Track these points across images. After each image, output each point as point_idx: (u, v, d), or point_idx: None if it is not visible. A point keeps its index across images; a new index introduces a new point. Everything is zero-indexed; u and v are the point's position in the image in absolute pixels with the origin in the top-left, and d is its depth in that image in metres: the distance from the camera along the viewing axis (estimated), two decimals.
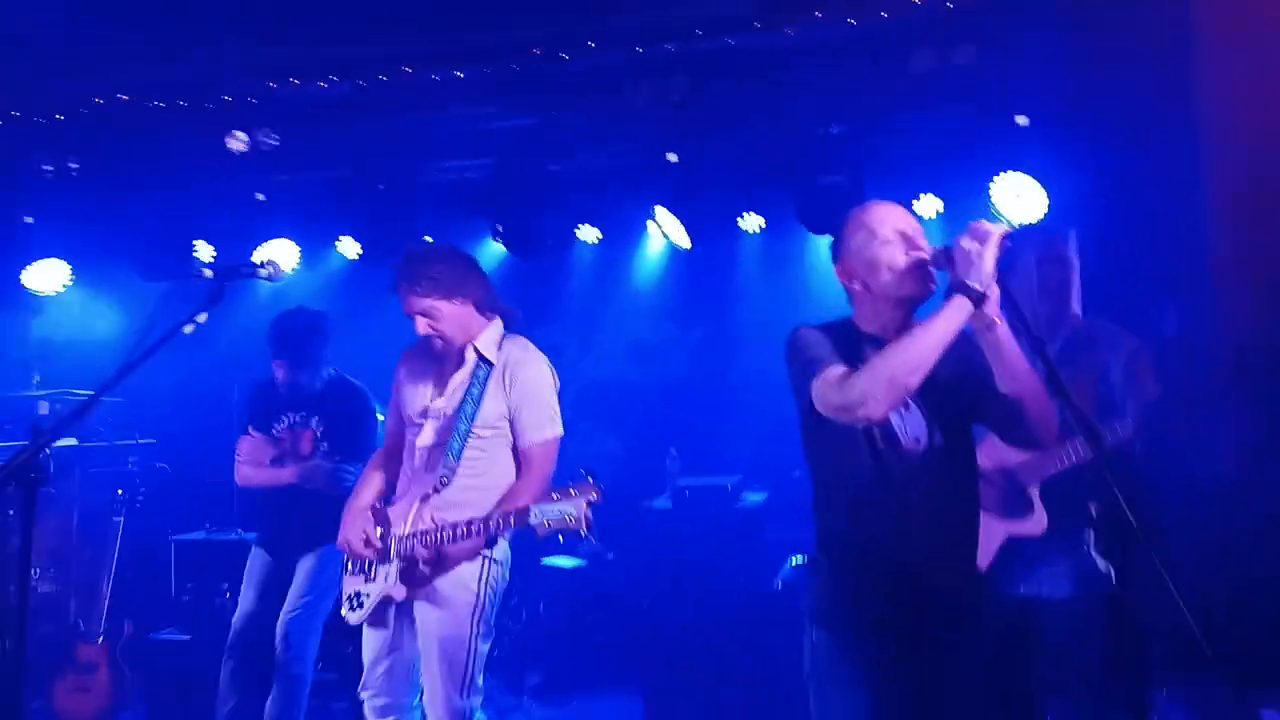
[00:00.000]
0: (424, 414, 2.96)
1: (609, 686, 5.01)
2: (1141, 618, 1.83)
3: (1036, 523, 2.88)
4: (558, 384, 3.02)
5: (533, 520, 2.68)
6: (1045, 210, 4.29)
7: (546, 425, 2.94)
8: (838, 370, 2.12)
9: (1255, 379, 3.60)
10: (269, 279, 2.57)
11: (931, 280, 2.17)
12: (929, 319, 2.09)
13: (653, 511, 4.79)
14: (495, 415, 2.90)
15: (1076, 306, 3.10)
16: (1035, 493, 2.89)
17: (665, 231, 5.37)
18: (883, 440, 2.16)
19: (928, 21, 4.16)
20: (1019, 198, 4.32)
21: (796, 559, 4.39)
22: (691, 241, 5.30)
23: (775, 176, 5.01)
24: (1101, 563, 1.97)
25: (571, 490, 2.68)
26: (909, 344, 2.06)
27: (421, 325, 2.90)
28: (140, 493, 5.06)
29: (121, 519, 4.92)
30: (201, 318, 2.39)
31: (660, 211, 5.25)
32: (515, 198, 5.26)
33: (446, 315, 2.89)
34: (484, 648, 2.88)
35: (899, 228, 2.22)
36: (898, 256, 2.18)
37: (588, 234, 5.95)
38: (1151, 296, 4.17)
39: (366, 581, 2.91)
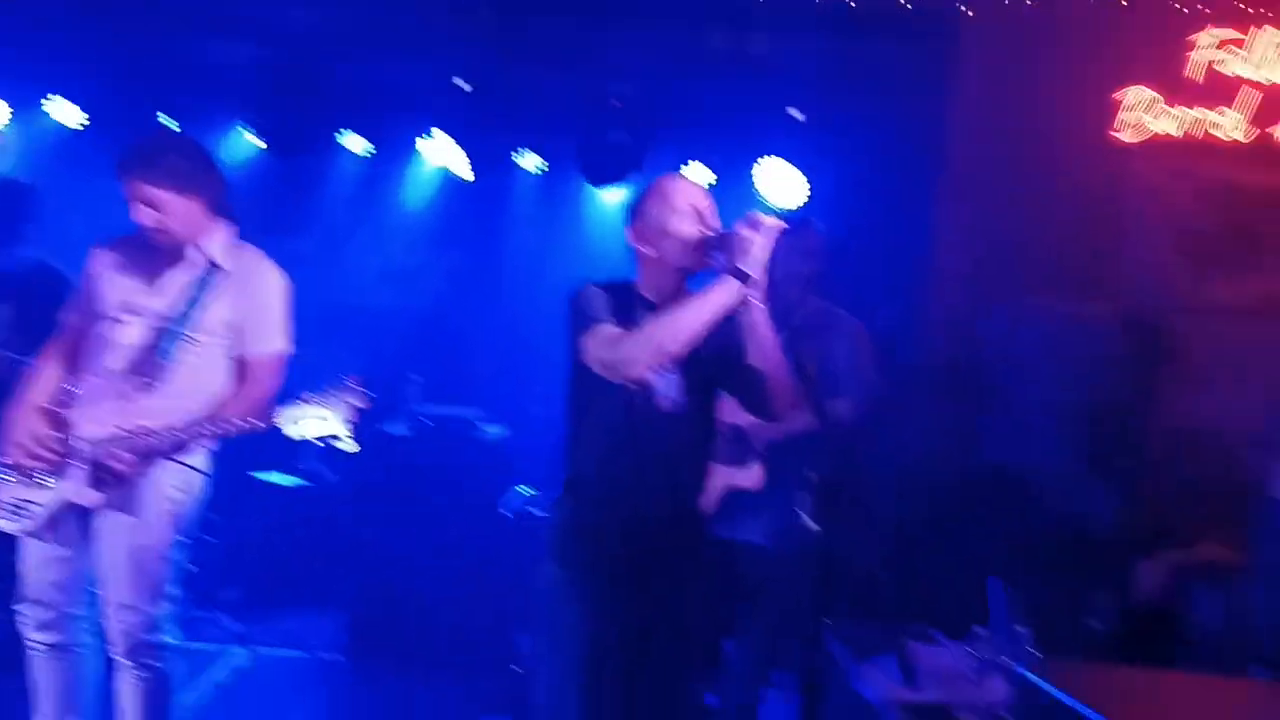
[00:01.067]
0: (129, 310, 2.72)
1: (315, 606, 4.86)
2: (825, 566, 2.10)
3: (754, 478, 3.17)
4: (289, 298, 2.88)
5: (281, 424, 2.60)
6: (804, 200, 4.67)
7: (275, 338, 2.80)
8: (611, 330, 2.25)
9: (962, 369, 4.18)
10: None
11: (710, 257, 2.31)
12: (700, 294, 2.25)
13: (386, 436, 4.69)
14: (218, 322, 2.73)
15: (816, 292, 3.39)
16: (757, 451, 3.17)
17: (440, 157, 5.24)
18: (640, 396, 2.31)
19: (725, 4, 4.39)
20: (783, 185, 4.66)
21: (524, 489, 4.49)
22: (466, 171, 5.21)
23: (561, 121, 5.04)
24: (804, 517, 2.22)
25: (333, 395, 2.60)
26: (679, 316, 2.21)
27: (145, 215, 2.66)
28: None
29: None
30: None
31: (437, 135, 5.11)
32: (279, 90, 4.90)
33: (175, 210, 2.67)
34: (179, 556, 2.76)
35: (695, 203, 2.35)
36: (687, 229, 2.32)
37: (354, 143, 5.68)
38: (881, 291, 4.69)
39: (33, 488, 2.65)
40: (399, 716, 3.89)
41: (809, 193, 4.67)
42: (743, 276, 2.19)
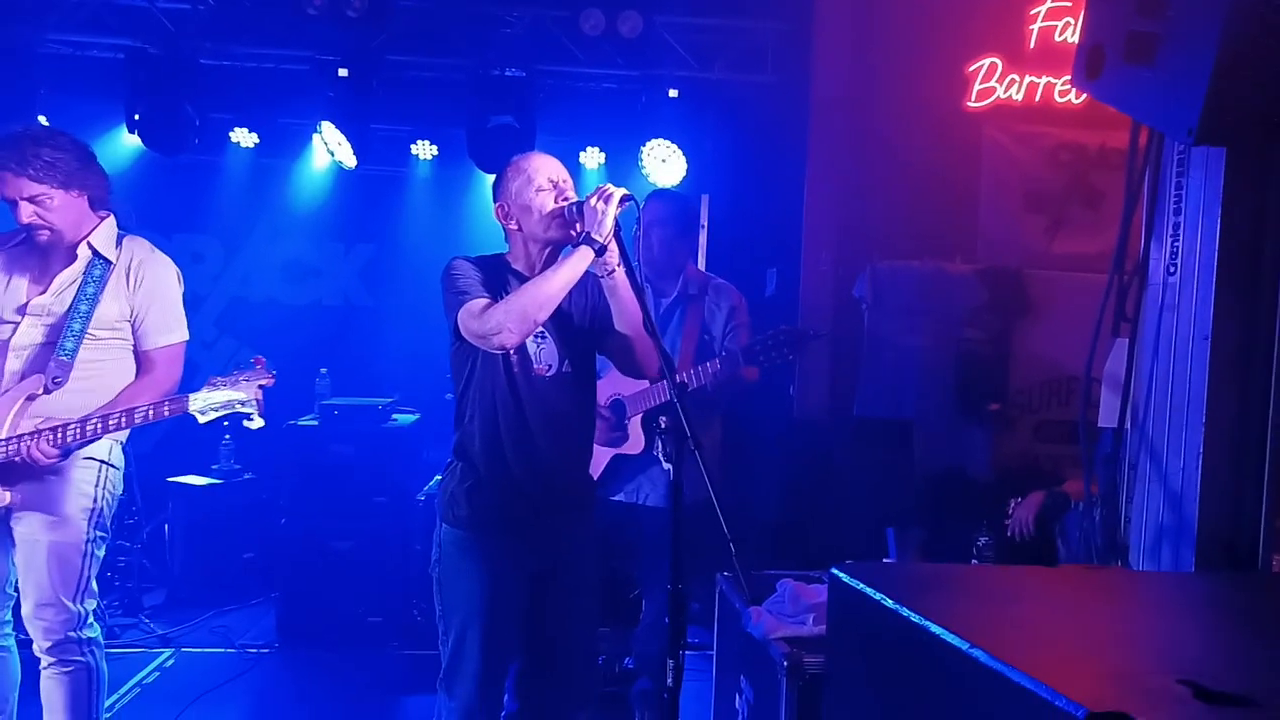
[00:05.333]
0: (20, 310, 2.73)
1: (240, 602, 4.94)
2: (701, 519, 2.28)
3: (634, 445, 3.42)
4: (183, 287, 2.91)
5: (193, 407, 2.63)
6: (683, 175, 4.87)
7: (174, 328, 2.84)
8: (481, 301, 2.37)
9: (835, 333, 4.44)
10: None
11: (573, 228, 2.44)
12: (557, 264, 2.40)
13: (297, 429, 4.74)
14: (115, 316, 2.75)
15: (697, 261, 3.59)
16: (636, 420, 3.42)
17: (330, 148, 5.25)
18: (519, 364, 2.45)
19: None
20: (664, 162, 4.85)
21: (439, 478, 4.61)
22: (359, 161, 5.23)
23: (449, 108, 5.10)
24: (666, 465, 2.39)
25: (240, 376, 2.66)
26: (539, 283, 2.35)
27: (26, 212, 2.65)
28: None
29: None
30: None
31: (326, 127, 5.12)
32: (157, 88, 4.82)
33: (58, 206, 2.67)
34: (100, 552, 2.79)
35: (553, 177, 2.47)
36: (548, 203, 2.45)
37: (243, 138, 5.64)
38: (760, 260, 4.95)
39: None
40: (329, 700, 4.00)
41: (687, 168, 4.88)
42: (593, 244, 2.33)
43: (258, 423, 2.72)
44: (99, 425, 2.64)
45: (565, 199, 2.45)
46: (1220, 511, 1.92)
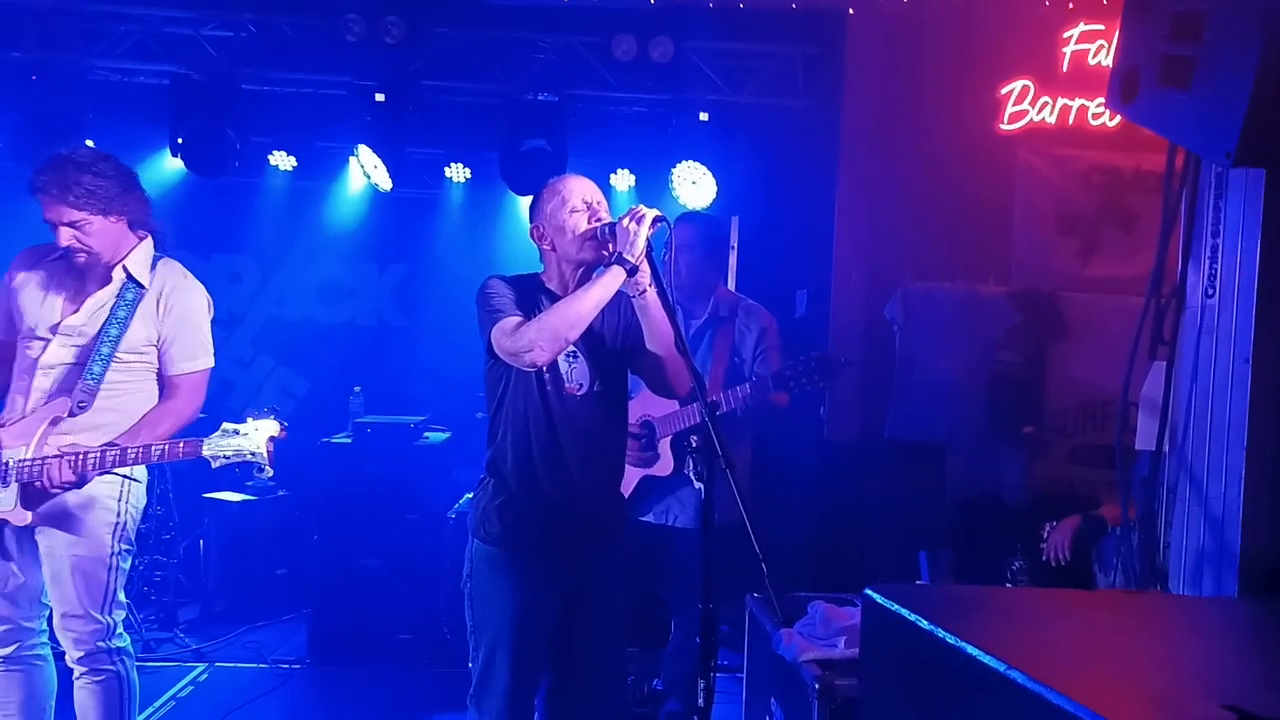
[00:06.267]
0: (53, 329, 2.77)
1: (272, 617, 4.98)
2: (751, 542, 2.26)
3: (664, 466, 3.43)
4: (213, 312, 2.96)
5: (206, 452, 2.66)
6: (714, 197, 4.89)
7: (199, 355, 2.88)
8: (514, 319, 2.40)
9: (866, 355, 4.43)
10: None
11: (606, 248, 2.46)
12: (589, 283, 2.42)
13: (330, 446, 4.79)
14: (143, 340, 2.79)
15: (728, 283, 3.60)
16: (666, 443, 3.42)
17: (367, 171, 5.33)
18: (551, 382, 2.48)
19: (630, 12, 4.58)
20: (694, 184, 4.88)
21: (470, 496, 4.63)
22: (394, 184, 5.31)
23: (483, 132, 5.17)
24: (697, 485, 2.38)
25: (253, 423, 2.68)
26: (571, 303, 2.38)
27: (65, 236, 2.70)
28: None
29: None
30: None
31: (363, 150, 5.21)
32: (199, 112, 4.94)
33: (97, 230, 2.71)
34: (125, 565, 2.83)
35: (587, 198, 2.50)
36: (581, 224, 2.48)
37: (281, 161, 5.75)
38: (790, 282, 4.94)
39: None
40: (359, 716, 4.02)
41: (717, 191, 4.90)
42: (625, 264, 2.35)
43: (268, 473, 2.74)
44: (117, 457, 2.67)
45: (599, 220, 2.48)
46: (1263, 536, 1.89)
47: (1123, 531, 2.46)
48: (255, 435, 2.67)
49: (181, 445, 2.69)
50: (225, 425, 2.71)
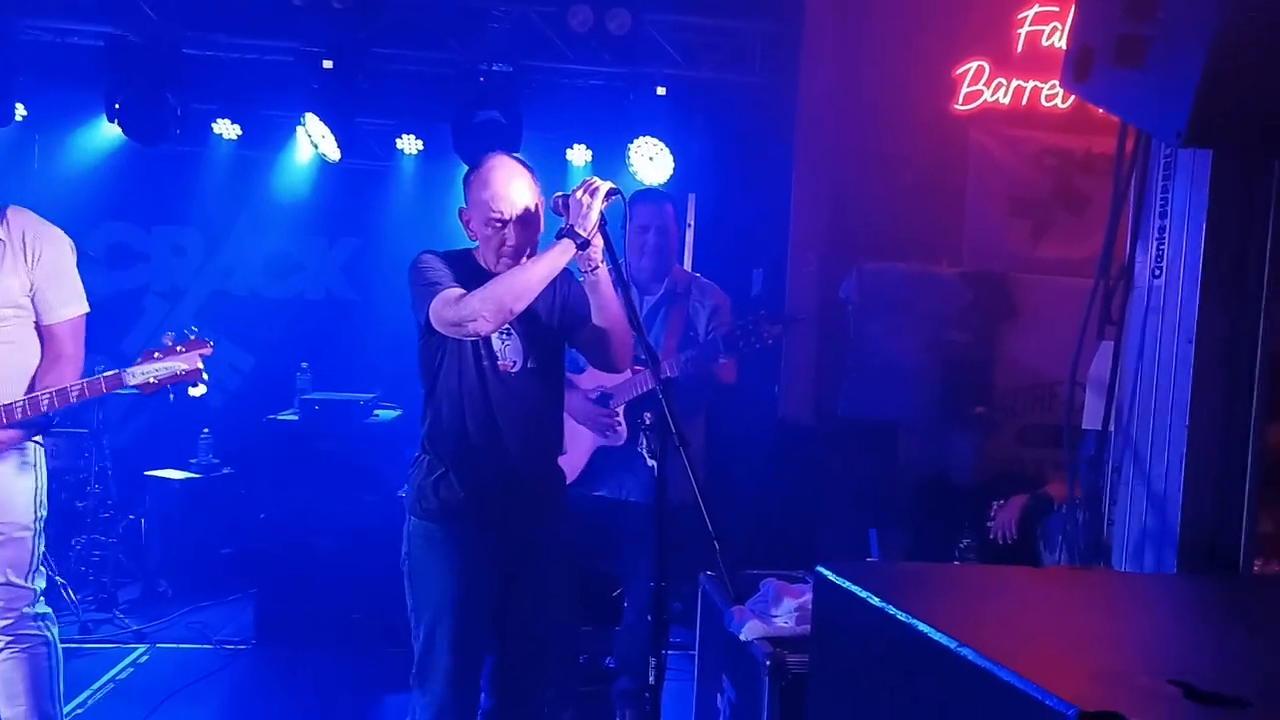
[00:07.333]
0: None
1: (217, 598, 4.88)
2: (685, 517, 2.26)
3: (619, 435, 3.39)
4: (76, 255, 2.85)
5: (133, 381, 2.62)
6: (671, 173, 4.86)
7: (74, 301, 2.79)
8: (456, 290, 2.35)
9: (820, 335, 4.44)
10: None
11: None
12: (538, 255, 2.39)
13: (277, 424, 4.69)
14: (18, 292, 2.69)
15: (683, 261, 3.58)
16: (620, 411, 3.39)
17: (314, 141, 5.20)
18: (485, 359, 2.45)
19: None
20: (651, 160, 4.84)
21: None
22: (343, 154, 5.19)
23: (436, 102, 5.07)
24: (650, 462, 2.38)
25: (179, 347, 2.66)
26: (518, 273, 2.34)
27: None
28: None
29: None
30: None
31: (310, 119, 5.07)
32: (138, 76, 4.76)
33: None
34: (41, 528, 2.78)
35: (504, 215, 2.41)
36: (492, 238, 2.42)
37: (226, 129, 5.59)
38: (745, 260, 4.94)
39: None
40: (307, 697, 3.96)
41: (674, 167, 4.87)
42: (577, 238, 2.31)
43: (201, 389, 2.70)
44: (25, 407, 2.61)
45: (506, 242, 2.42)
46: (1203, 514, 1.92)
47: (1068, 509, 2.49)
48: (185, 355, 2.65)
49: (103, 381, 2.63)
50: (147, 350, 2.68)
